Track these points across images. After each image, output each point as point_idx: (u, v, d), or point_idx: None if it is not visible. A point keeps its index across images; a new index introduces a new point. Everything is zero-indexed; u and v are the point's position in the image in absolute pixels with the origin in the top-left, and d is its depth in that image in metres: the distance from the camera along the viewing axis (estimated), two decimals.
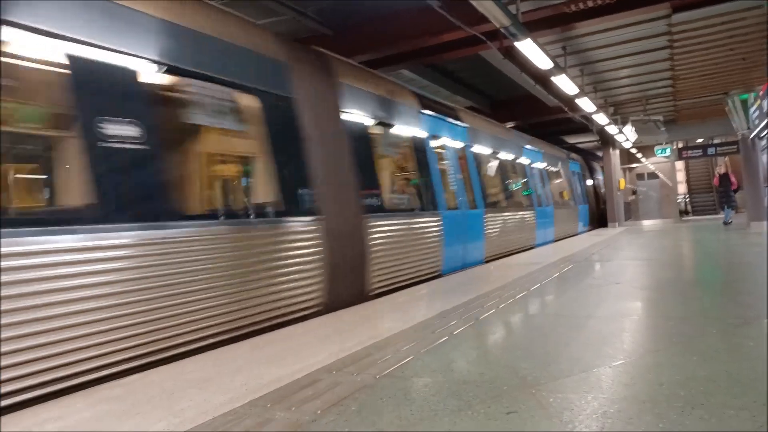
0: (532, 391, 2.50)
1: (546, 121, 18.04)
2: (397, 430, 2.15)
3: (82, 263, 3.14)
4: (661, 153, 21.76)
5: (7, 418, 2.54)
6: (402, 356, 3.23)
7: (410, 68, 12.10)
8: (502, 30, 7.34)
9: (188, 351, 3.70)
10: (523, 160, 12.74)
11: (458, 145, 9.20)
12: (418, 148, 7.69)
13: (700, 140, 22.65)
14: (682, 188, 26.88)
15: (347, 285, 5.57)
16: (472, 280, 6.68)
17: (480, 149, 10.18)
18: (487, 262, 9.36)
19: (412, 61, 10.76)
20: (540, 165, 14.01)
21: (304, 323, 4.50)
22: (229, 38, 4.53)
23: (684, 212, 25.40)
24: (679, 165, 25.71)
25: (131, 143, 3.53)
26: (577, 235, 16.17)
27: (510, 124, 16.31)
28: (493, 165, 11.10)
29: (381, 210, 6.39)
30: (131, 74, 3.65)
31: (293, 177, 5.00)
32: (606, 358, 2.97)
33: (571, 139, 23.70)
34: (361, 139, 6.28)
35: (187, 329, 3.73)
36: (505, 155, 11.64)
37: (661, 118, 17.93)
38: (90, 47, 3.41)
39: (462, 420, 2.21)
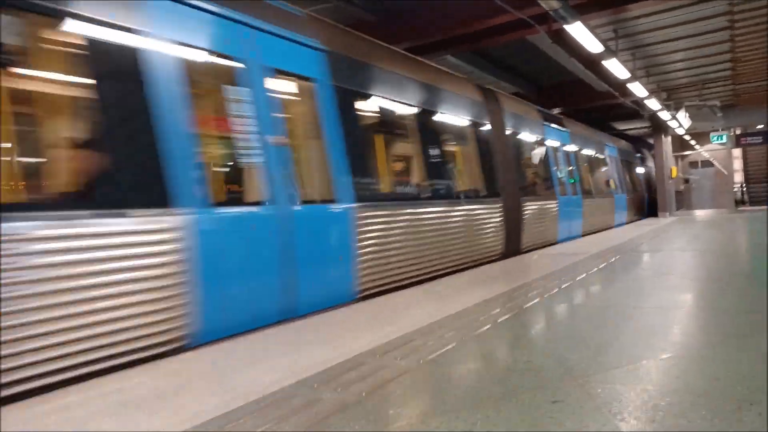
0: (579, 381, 2.47)
1: (594, 107, 17.50)
2: (441, 414, 2.17)
3: None
4: (717, 140, 20.80)
5: (73, 388, 2.70)
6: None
7: (455, 54, 11.95)
8: (551, 13, 7.16)
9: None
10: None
11: (563, 145, 11.93)
12: (543, 149, 10.82)
13: (760, 126, 21.49)
14: (738, 177, 25.65)
15: (511, 243, 8.56)
16: (518, 269, 6.61)
17: (575, 146, 12.62)
18: (583, 236, 12.03)
19: (457, 46, 10.62)
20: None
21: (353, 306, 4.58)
22: (459, 91, 7.80)
23: (740, 202, 24.27)
24: (736, 152, 24.52)
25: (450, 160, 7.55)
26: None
27: (557, 110, 15.92)
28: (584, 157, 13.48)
29: (528, 194, 9.52)
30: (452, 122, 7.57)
31: (490, 173, 8.18)
32: (656, 351, 2.90)
33: (621, 126, 22.93)
34: (515, 146, 9.39)
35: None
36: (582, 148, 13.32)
37: (717, 103, 17.12)
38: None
39: (506, 407, 2.21)
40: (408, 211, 5.96)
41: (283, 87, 4.71)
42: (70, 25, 3.19)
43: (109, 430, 2.15)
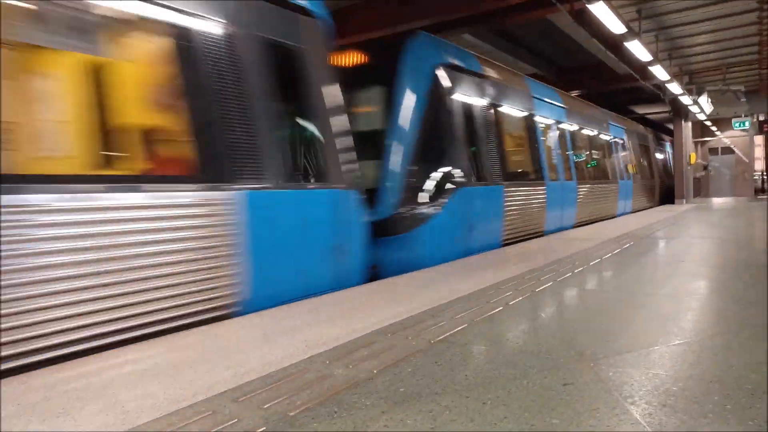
0: (590, 364, 2.47)
1: (614, 90, 17.18)
2: (452, 393, 2.18)
3: None
4: (740, 126, 20.35)
5: (93, 357, 2.76)
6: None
7: (473, 33, 11.76)
8: None
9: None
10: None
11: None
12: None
13: None
14: (759, 165, 25.13)
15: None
16: (531, 252, 6.58)
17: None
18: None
19: (476, 25, 10.44)
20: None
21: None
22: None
23: (761, 190, 23.82)
24: (758, 140, 23.97)
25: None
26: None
27: (575, 93, 15.66)
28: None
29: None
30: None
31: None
32: (669, 337, 2.88)
33: (640, 110, 22.52)
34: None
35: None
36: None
37: (742, 88, 16.71)
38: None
39: (517, 389, 2.22)
40: None
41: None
42: None
43: (125, 398, 2.20)
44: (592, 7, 7.71)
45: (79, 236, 2.89)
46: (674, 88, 13.98)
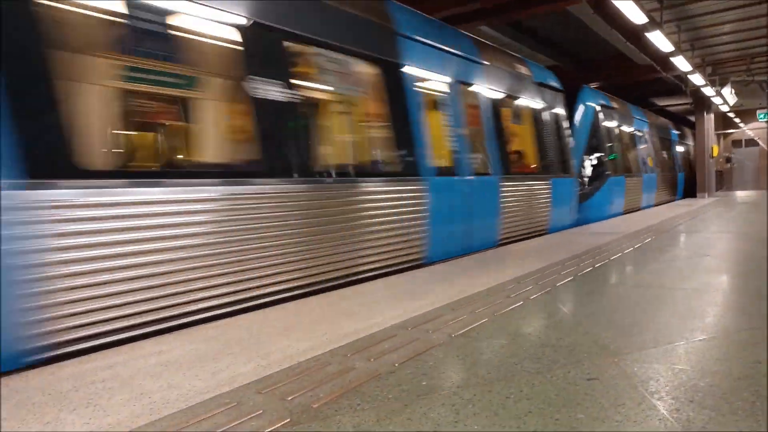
0: (614, 359, 2.44)
1: (634, 82, 16.90)
2: (475, 387, 2.18)
3: None
4: (764, 117, 19.89)
5: (118, 350, 2.81)
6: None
7: (490, 25, 11.64)
8: None
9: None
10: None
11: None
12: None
13: None
14: None
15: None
16: (551, 246, 6.53)
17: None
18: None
19: (494, 17, 10.34)
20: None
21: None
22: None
23: None
24: None
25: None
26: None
27: (594, 85, 15.44)
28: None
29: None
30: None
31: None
32: (695, 332, 2.84)
33: (661, 102, 22.13)
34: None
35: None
36: None
37: (767, 78, 16.32)
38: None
39: (540, 383, 2.20)
40: None
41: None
42: None
43: (149, 389, 2.23)
44: None
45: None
46: (697, 79, 13.71)
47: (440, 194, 5.78)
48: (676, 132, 18.92)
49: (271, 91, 3.97)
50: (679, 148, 19.23)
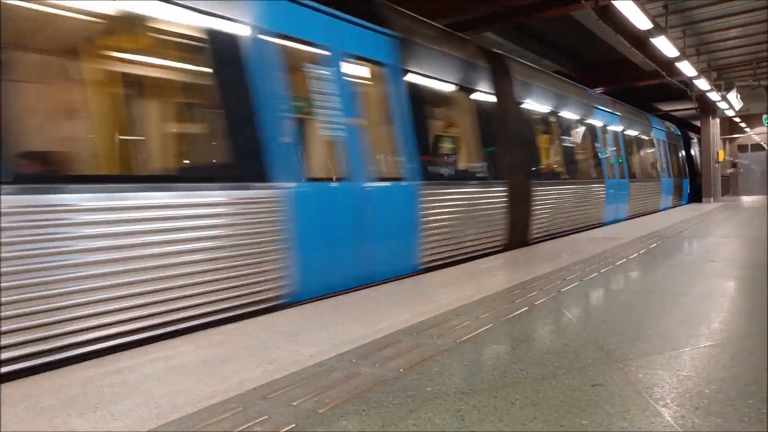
0: (619, 365, 2.44)
1: (639, 87, 16.88)
2: (479, 393, 2.19)
3: None
4: None
5: (122, 354, 2.83)
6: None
7: (496, 31, 11.68)
8: None
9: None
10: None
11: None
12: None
13: None
14: None
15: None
16: (556, 252, 6.53)
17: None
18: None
19: (499, 23, 10.37)
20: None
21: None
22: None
23: None
24: None
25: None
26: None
27: (599, 90, 15.43)
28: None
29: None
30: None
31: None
32: (701, 338, 2.83)
33: (665, 107, 22.09)
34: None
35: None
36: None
37: None
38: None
39: (545, 389, 2.20)
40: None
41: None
42: None
43: (159, 394, 2.25)
44: (618, 3, 7.59)
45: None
46: (702, 84, 13.69)
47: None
48: (679, 136, 18.92)
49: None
50: (684, 153, 19.18)
